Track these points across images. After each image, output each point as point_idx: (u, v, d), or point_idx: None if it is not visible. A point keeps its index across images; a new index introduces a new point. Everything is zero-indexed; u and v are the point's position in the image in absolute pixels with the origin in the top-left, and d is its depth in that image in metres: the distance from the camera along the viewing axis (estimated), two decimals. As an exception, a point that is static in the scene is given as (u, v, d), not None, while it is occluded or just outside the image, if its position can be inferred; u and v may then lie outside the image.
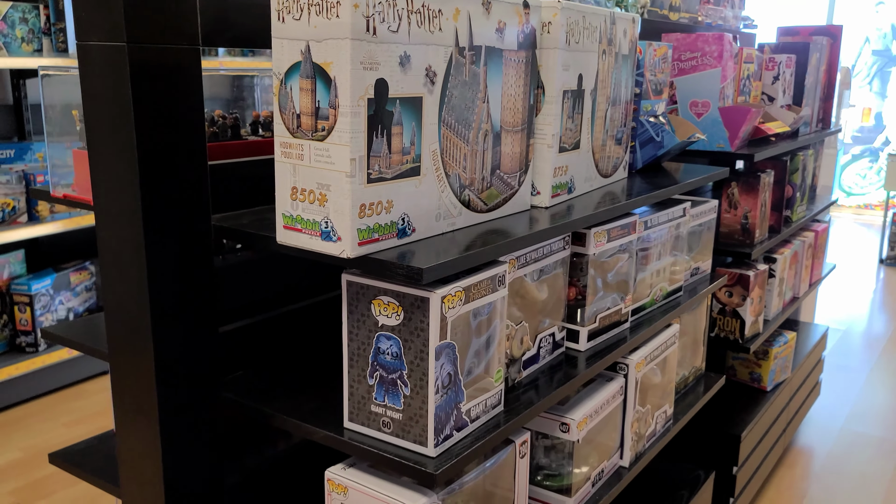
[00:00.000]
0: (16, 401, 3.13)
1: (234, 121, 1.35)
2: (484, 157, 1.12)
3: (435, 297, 0.94)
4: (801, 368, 2.81)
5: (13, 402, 3.13)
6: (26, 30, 3.04)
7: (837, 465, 2.91)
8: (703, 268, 1.87)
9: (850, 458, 2.94)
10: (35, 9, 3.09)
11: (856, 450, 3.01)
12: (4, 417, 3.07)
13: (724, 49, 2.01)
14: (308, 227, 0.95)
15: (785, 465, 2.90)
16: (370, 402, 1.02)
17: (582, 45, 1.30)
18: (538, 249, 1.23)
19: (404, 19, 0.92)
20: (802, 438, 3.13)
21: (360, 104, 0.88)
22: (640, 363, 1.48)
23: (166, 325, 1.04)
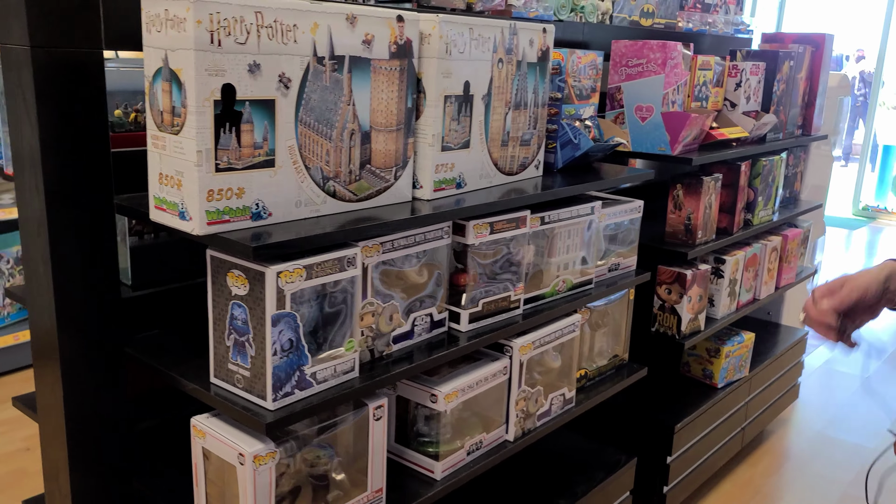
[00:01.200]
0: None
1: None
2: (351, 154, 1.27)
3: (270, 272, 1.09)
4: (767, 369, 2.85)
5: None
6: None
7: (800, 466, 2.95)
8: (626, 264, 1.97)
9: (815, 461, 2.98)
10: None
11: (824, 453, 3.04)
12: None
13: (668, 56, 2.09)
14: (170, 208, 1.12)
15: (748, 462, 2.97)
16: (227, 361, 1.19)
17: (468, 54, 1.43)
18: (410, 237, 1.37)
19: (253, 33, 1.07)
20: (775, 438, 3.18)
21: (206, 105, 1.04)
22: (526, 346, 1.61)
23: (67, 284, 1.23)
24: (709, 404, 2.48)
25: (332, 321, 1.25)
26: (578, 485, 1.97)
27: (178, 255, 1.57)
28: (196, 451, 1.23)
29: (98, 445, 1.33)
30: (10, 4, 1.14)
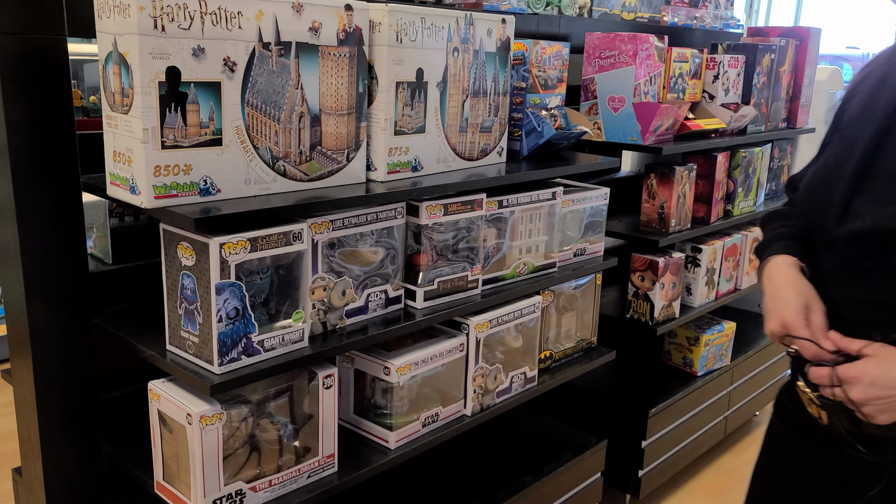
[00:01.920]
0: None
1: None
2: (300, 135, 1.34)
3: (214, 243, 1.17)
4: (750, 359, 2.87)
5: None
6: None
7: (786, 458, 2.96)
8: (592, 250, 2.02)
9: (802, 454, 2.98)
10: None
11: (812, 447, 3.05)
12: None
13: (639, 48, 2.13)
14: (123, 183, 1.20)
15: (733, 451, 2.99)
16: (180, 329, 1.27)
17: (420, 42, 1.49)
18: (362, 216, 1.44)
19: (196, 19, 1.15)
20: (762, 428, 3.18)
21: (151, 85, 1.12)
22: (483, 325, 1.67)
23: (34, 255, 1.31)
24: (686, 391, 2.51)
25: (285, 293, 1.32)
26: (546, 463, 2.02)
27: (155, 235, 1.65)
28: (153, 413, 1.31)
29: (67, 411, 1.41)
30: (-21, -5, 1.23)
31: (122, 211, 1.71)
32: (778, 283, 1.10)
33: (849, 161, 1.01)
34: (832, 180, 1.05)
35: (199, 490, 1.23)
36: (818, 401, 1.06)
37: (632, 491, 2.42)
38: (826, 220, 1.04)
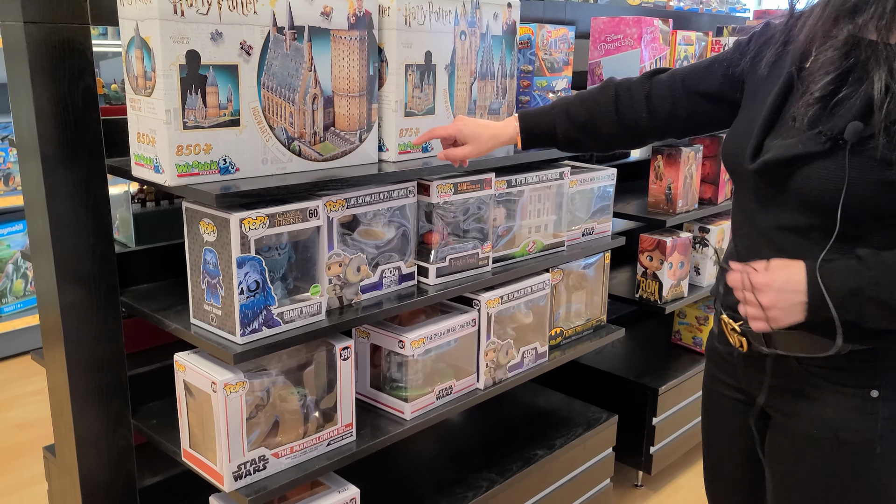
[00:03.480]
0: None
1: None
2: (314, 116, 1.39)
3: (234, 219, 1.23)
4: (760, 341, 2.90)
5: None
6: None
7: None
8: (601, 230, 2.06)
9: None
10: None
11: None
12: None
13: (644, 31, 2.17)
14: (147, 163, 1.26)
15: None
16: (203, 303, 1.33)
17: (428, 26, 1.54)
18: (375, 194, 1.49)
19: (214, 5, 1.20)
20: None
21: (172, 69, 1.18)
22: (494, 301, 1.72)
23: (63, 238, 1.38)
24: (697, 370, 2.55)
25: (303, 269, 1.37)
26: (558, 438, 2.07)
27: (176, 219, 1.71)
28: (179, 383, 1.37)
29: (98, 387, 1.48)
30: (8, -14, 1.29)
31: (144, 197, 1.78)
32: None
33: (762, 112, 1.12)
34: (750, 130, 1.14)
35: (224, 455, 1.29)
36: (739, 328, 1.20)
37: (644, 468, 2.46)
38: (744, 159, 1.13)
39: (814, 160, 1.02)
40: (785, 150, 1.05)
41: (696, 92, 1.29)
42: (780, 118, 1.10)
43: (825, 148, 1.01)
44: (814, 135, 1.02)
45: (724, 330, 1.25)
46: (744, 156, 1.12)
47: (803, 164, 1.04)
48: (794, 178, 1.05)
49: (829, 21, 1.03)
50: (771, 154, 1.07)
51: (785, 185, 1.07)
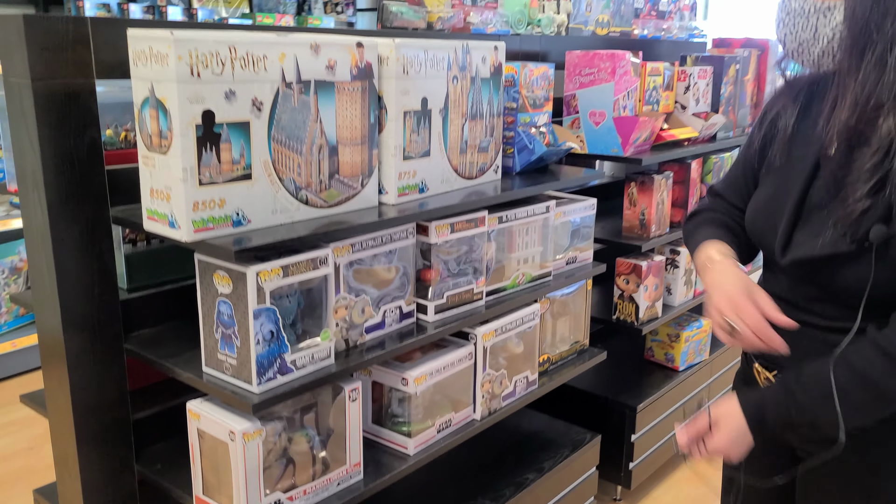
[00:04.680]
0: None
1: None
2: (320, 166, 1.43)
3: (251, 272, 1.25)
4: (725, 353, 3.03)
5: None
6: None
7: (763, 444, 3.12)
8: (583, 258, 2.14)
9: (777, 439, 3.15)
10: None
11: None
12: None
13: (617, 65, 2.26)
14: (161, 218, 1.28)
15: (713, 443, 3.14)
16: (217, 352, 1.35)
17: (424, 73, 1.59)
18: (378, 238, 1.53)
19: (227, 65, 1.23)
20: (739, 420, 3.35)
21: (189, 128, 1.20)
22: (489, 334, 1.77)
23: (69, 289, 1.38)
24: (670, 386, 2.65)
25: (310, 314, 1.41)
26: (546, 460, 2.14)
27: (166, 259, 1.72)
28: (192, 431, 1.39)
29: (103, 433, 1.48)
30: (13, 43, 1.30)
31: (135, 237, 1.78)
32: (722, 268, 1.24)
33: (789, 196, 1.19)
34: (774, 212, 1.21)
35: (242, 502, 1.32)
36: (774, 378, 1.26)
37: (623, 483, 2.55)
38: (773, 249, 1.21)
39: (842, 260, 1.10)
40: (814, 249, 1.12)
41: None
42: (805, 206, 1.17)
43: (852, 249, 1.08)
44: (840, 236, 1.09)
45: (757, 377, 1.32)
46: (774, 243, 1.19)
47: (832, 263, 1.11)
48: (822, 273, 1.13)
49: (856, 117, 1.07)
50: (802, 253, 1.14)
51: (814, 279, 1.15)
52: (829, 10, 1.09)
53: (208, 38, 1.20)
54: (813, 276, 1.16)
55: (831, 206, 1.11)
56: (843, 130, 1.09)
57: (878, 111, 1.05)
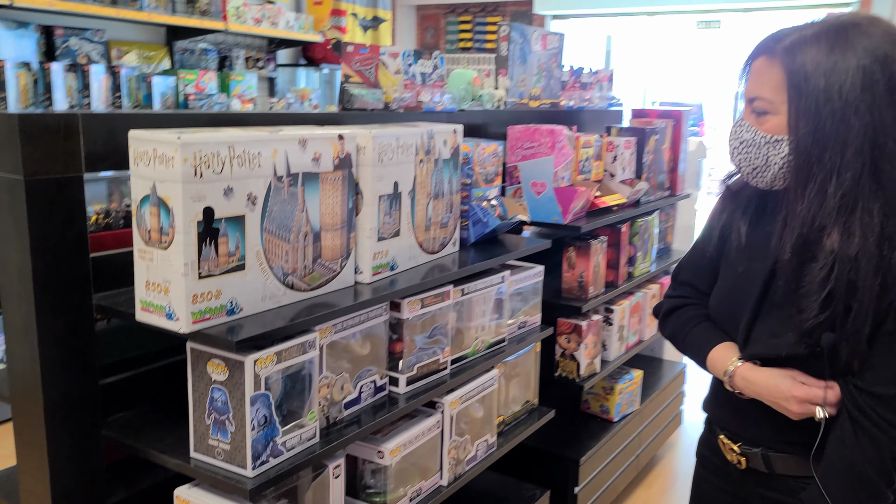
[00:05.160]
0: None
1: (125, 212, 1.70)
2: (305, 252, 1.50)
3: (249, 361, 1.30)
4: (653, 401, 3.23)
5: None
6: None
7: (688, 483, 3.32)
8: (532, 321, 2.27)
9: (701, 480, 3.36)
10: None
11: (708, 473, 3.44)
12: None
13: (556, 140, 2.44)
14: (157, 310, 1.31)
15: (644, 484, 3.32)
16: (208, 437, 1.38)
17: (396, 159, 1.69)
18: (356, 317, 1.60)
19: (227, 163, 1.30)
20: (665, 462, 3.56)
21: (191, 226, 1.25)
22: (455, 402, 1.86)
23: (53, 378, 1.38)
24: (608, 437, 2.80)
25: (297, 396, 1.46)
26: (502, 519, 2.22)
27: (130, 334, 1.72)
28: (179, 519, 1.40)
29: (79, 523, 1.46)
30: (4, 139, 1.31)
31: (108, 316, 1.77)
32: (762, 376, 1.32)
33: (749, 296, 1.34)
34: (736, 306, 1.37)
35: (237, 587, 1.34)
36: (739, 449, 1.40)
37: (568, 533, 2.66)
38: (735, 336, 1.37)
39: (797, 361, 1.26)
40: (771, 349, 1.29)
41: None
42: (764, 305, 1.33)
43: (806, 353, 1.24)
44: (795, 340, 1.24)
45: (722, 448, 1.45)
46: (735, 333, 1.36)
47: (789, 362, 1.28)
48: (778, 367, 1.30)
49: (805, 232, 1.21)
50: (759, 350, 1.31)
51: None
52: (777, 142, 1.24)
53: (210, 140, 1.26)
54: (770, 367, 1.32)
55: (787, 311, 1.27)
56: (793, 246, 1.24)
57: (823, 231, 1.20)
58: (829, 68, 1.16)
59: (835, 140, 1.16)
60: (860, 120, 1.15)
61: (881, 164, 1.16)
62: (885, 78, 1.15)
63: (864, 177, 1.16)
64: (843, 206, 1.17)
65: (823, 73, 1.16)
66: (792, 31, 1.22)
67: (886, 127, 1.15)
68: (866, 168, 1.16)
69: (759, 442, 1.39)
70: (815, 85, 1.16)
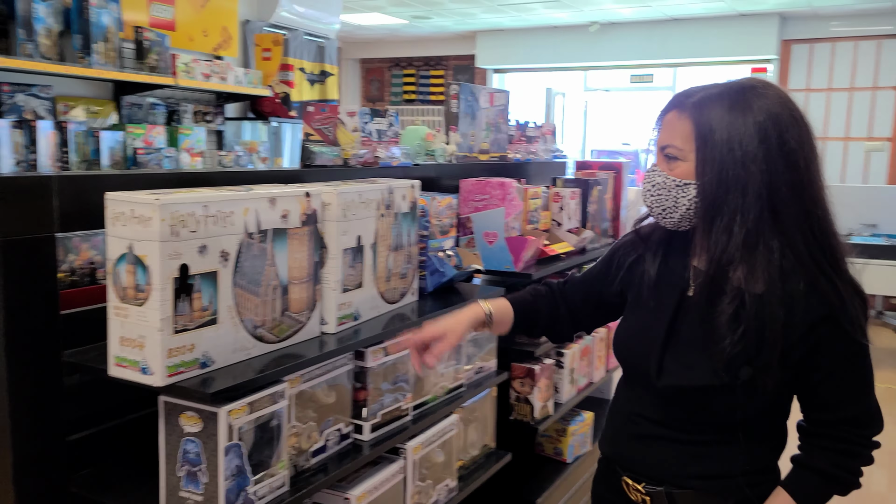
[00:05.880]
0: None
1: (90, 269, 1.73)
2: (274, 304, 1.56)
3: (223, 412, 1.34)
4: (604, 442, 3.32)
5: None
6: None
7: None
8: (488, 367, 2.35)
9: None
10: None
11: None
12: None
13: (507, 192, 2.57)
14: (132, 365, 1.34)
15: (598, 527, 3.38)
16: (179, 489, 1.40)
17: (358, 214, 1.78)
18: (323, 367, 1.66)
19: (202, 222, 1.36)
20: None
21: (168, 283, 1.30)
22: (418, 448, 1.92)
23: (22, 437, 1.39)
24: (562, 478, 2.88)
25: (267, 445, 1.50)
26: (464, 564, 2.26)
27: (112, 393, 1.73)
28: (150, 574, 1.40)
29: (45, 584, 1.45)
30: (-23, 201, 1.34)
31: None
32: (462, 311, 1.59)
33: (659, 328, 1.45)
34: (647, 340, 1.47)
35: None
36: (644, 489, 1.49)
37: (527, 576, 2.70)
38: (647, 373, 1.45)
39: (714, 391, 1.35)
40: (686, 379, 1.38)
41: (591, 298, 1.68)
42: (674, 335, 1.42)
43: (723, 383, 1.34)
44: (714, 373, 1.34)
45: (626, 489, 1.52)
46: (647, 368, 1.43)
47: (705, 393, 1.36)
48: (694, 400, 1.39)
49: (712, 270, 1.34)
50: (674, 380, 1.40)
51: (685, 405, 1.40)
52: (685, 186, 1.38)
53: (187, 200, 1.32)
54: (685, 402, 1.41)
55: (699, 344, 1.37)
56: (702, 280, 1.37)
57: (729, 266, 1.33)
58: (731, 123, 1.31)
59: (736, 185, 1.30)
60: (758, 168, 1.29)
61: (778, 207, 1.30)
62: (776, 133, 1.30)
63: (765, 218, 1.30)
64: (747, 244, 1.30)
65: (726, 126, 1.31)
66: (700, 89, 1.38)
67: (780, 174, 1.30)
68: (765, 210, 1.30)
69: (663, 479, 1.46)
70: (720, 137, 1.31)
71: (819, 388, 1.37)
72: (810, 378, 1.36)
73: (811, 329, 1.32)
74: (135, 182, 1.56)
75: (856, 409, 1.36)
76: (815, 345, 1.33)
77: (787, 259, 1.31)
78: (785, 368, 1.33)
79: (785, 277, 1.31)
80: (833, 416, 1.37)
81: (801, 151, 1.31)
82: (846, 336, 1.32)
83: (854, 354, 1.35)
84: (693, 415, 1.41)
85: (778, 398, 1.40)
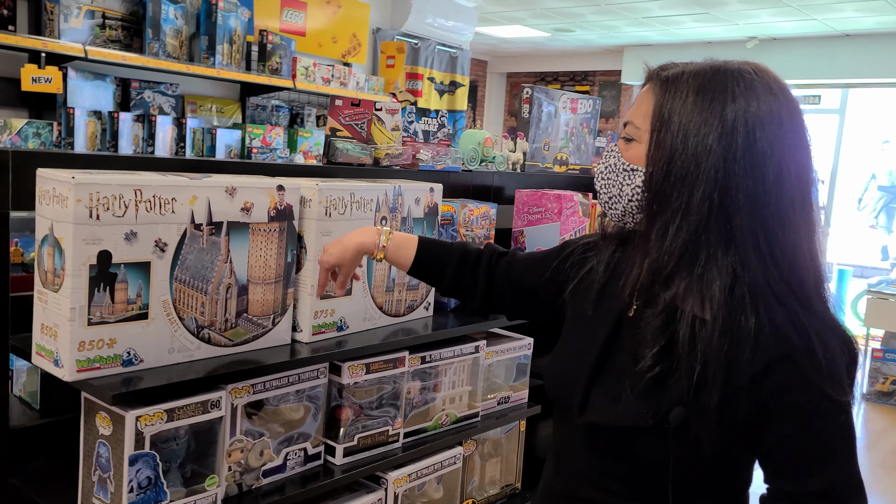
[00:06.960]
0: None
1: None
2: (227, 305, 1.42)
3: (130, 416, 1.22)
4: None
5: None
6: (38, 143, 3.54)
7: None
8: (517, 397, 2.10)
9: None
10: (49, 125, 3.61)
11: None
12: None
13: (563, 206, 2.30)
14: (48, 355, 1.26)
15: None
16: (92, 496, 1.30)
17: (349, 214, 1.61)
18: (284, 378, 1.51)
19: (131, 207, 1.25)
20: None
21: (83, 269, 1.20)
22: (402, 479, 1.71)
23: (-44, 418, 1.35)
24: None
25: (202, 455, 1.36)
26: None
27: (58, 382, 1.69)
28: (58, 580, 1.31)
29: (-26, 571, 1.41)
30: (-69, 173, 1.32)
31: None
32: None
33: (590, 352, 1.16)
34: (574, 368, 1.18)
35: None
36: None
37: None
38: (572, 406, 1.16)
39: (640, 434, 1.06)
40: (611, 418, 1.09)
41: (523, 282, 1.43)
42: (607, 364, 1.14)
43: (650, 424, 1.05)
44: (640, 411, 1.05)
45: None
46: (572, 403, 1.15)
47: (630, 435, 1.08)
48: (621, 444, 1.10)
49: (648, 280, 1.08)
50: (599, 417, 1.11)
51: (612, 450, 1.12)
52: (633, 171, 1.11)
53: (112, 182, 1.22)
54: (610, 447, 1.12)
55: (627, 369, 1.08)
56: (637, 291, 1.09)
57: (665, 278, 1.05)
58: (694, 107, 1.05)
59: (683, 181, 1.04)
60: (712, 165, 1.03)
61: (734, 219, 1.02)
62: (746, 130, 1.03)
63: (712, 227, 1.03)
64: (685, 254, 1.04)
65: (689, 111, 1.05)
66: (679, 64, 1.11)
67: (738, 178, 1.02)
68: (714, 218, 1.03)
69: None
70: (677, 121, 1.05)
71: (776, 451, 1.04)
72: (763, 438, 1.04)
73: (763, 373, 1.00)
74: (108, 162, 1.49)
75: (827, 482, 1.01)
76: (769, 394, 1.01)
77: (740, 284, 1.02)
78: (726, 423, 1.02)
79: (735, 305, 1.02)
80: (797, 489, 1.02)
81: (771, 156, 1.02)
82: (809, 387, 0.99)
83: (823, 413, 1.01)
84: (624, 466, 1.11)
85: (728, 460, 1.08)
